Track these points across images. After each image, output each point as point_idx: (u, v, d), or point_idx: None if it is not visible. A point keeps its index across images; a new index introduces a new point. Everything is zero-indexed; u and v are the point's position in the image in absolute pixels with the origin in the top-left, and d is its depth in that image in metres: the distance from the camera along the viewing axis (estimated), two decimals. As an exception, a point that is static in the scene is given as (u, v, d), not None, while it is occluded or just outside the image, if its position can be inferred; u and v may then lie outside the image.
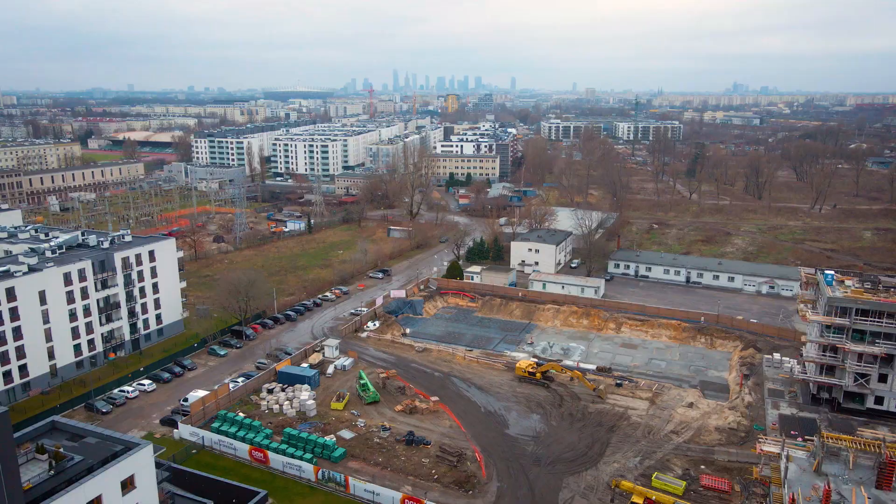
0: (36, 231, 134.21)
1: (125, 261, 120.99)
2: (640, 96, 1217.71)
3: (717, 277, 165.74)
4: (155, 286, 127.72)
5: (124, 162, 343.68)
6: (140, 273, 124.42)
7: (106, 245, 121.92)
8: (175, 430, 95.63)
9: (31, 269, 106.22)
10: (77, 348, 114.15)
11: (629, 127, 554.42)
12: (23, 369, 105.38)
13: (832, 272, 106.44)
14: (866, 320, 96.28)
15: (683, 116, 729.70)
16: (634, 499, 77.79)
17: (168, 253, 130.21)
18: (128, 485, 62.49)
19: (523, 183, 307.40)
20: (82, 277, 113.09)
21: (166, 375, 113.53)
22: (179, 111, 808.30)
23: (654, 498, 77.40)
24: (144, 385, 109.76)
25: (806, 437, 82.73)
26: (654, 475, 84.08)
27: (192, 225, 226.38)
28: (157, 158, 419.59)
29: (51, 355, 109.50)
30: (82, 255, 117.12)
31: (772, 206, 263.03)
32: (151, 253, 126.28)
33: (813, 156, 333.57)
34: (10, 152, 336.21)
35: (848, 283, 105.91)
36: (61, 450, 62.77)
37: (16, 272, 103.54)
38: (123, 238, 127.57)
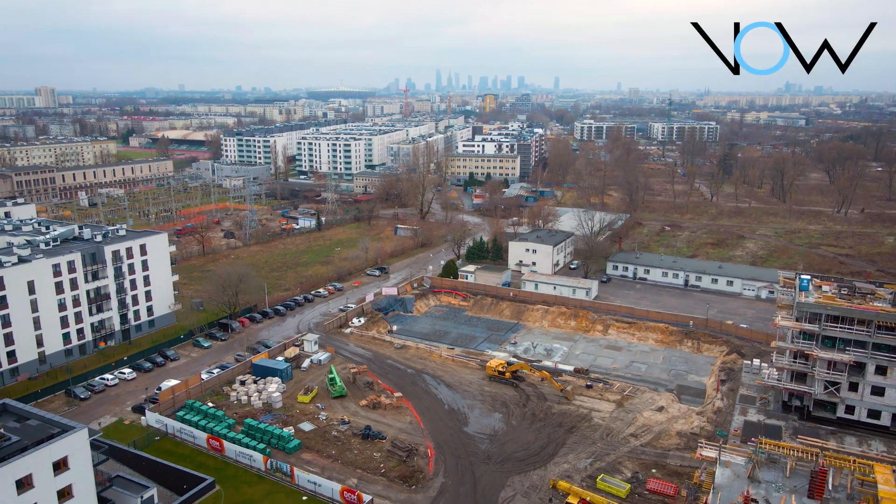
0: (38, 224, 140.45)
1: (115, 254, 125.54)
2: (686, 96, 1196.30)
3: (715, 281, 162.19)
4: (146, 279, 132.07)
5: (154, 159, 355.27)
6: (131, 266, 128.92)
7: (98, 238, 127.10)
8: (143, 417, 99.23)
9: (21, 260, 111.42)
10: (66, 337, 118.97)
11: (663, 127, 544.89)
12: (11, 355, 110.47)
13: (808, 277, 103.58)
14: (836, 327, 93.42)
15: (726, 117, 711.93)
16: (570, 499, 77.53)
17: (160, 247, 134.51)
18: (61, 466, 65.39)
19: (541, 183, 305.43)
20: (72, 269, 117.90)
21: (147, 365, 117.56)
22: (221, 110, 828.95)
23: (588, 499, 76.99)
24: (125, 373, 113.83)
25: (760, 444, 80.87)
26: (598, 477, 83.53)
27: (209, 221, 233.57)
28: (190, 156, 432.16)
29: (39, 343, 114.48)
30: (74, 247, 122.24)
31: (793, 210, 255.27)
32: (143, 247, 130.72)
33: (846, 158, 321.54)
34: (48, 149, 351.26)
35: (825, 288, 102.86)
36: (1, 430, 66.38)
37: (5, 262, 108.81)
38: (117, 232, 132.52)
